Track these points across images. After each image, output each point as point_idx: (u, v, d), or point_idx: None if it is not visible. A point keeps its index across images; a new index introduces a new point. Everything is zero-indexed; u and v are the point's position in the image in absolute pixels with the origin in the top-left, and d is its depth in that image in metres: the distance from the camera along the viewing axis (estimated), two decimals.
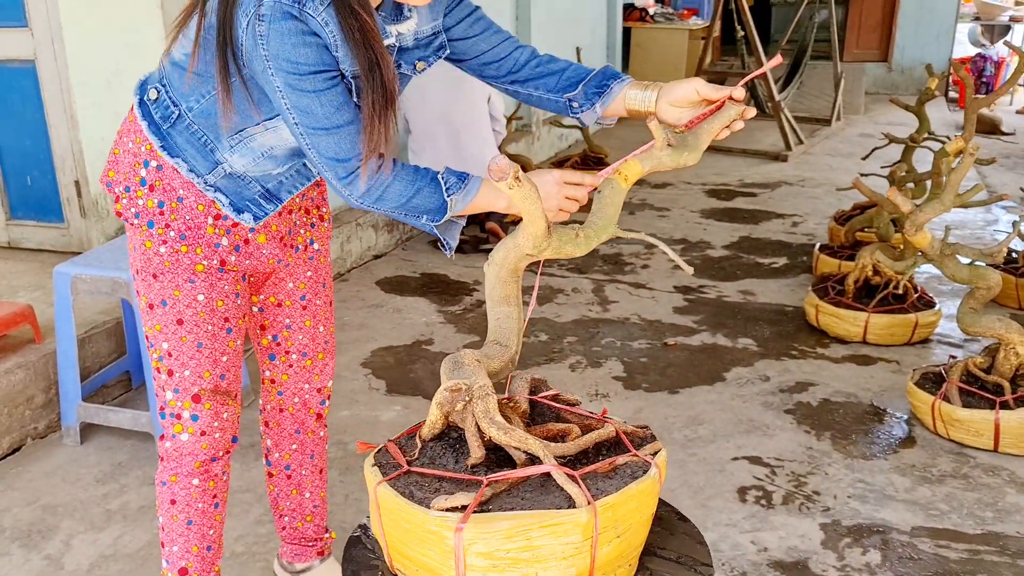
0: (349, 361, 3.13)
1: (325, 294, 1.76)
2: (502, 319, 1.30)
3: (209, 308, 1.52)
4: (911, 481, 2.39)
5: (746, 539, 2.14)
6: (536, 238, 1.20)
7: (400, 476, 1.11)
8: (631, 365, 3.12)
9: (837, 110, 7.62)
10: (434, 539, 1.03)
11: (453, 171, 1.38)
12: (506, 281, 1.28)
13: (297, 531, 1.91)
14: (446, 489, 1.08)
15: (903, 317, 3.21)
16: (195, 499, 1.60)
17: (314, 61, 1.26)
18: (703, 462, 2.49)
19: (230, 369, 1.58)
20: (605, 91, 1.49)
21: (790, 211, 5.12)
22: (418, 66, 1.50)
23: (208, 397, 1.56)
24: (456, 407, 1.13)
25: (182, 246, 1.48)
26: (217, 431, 1.59)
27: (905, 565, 2.04)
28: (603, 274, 4.06)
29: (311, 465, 1.87)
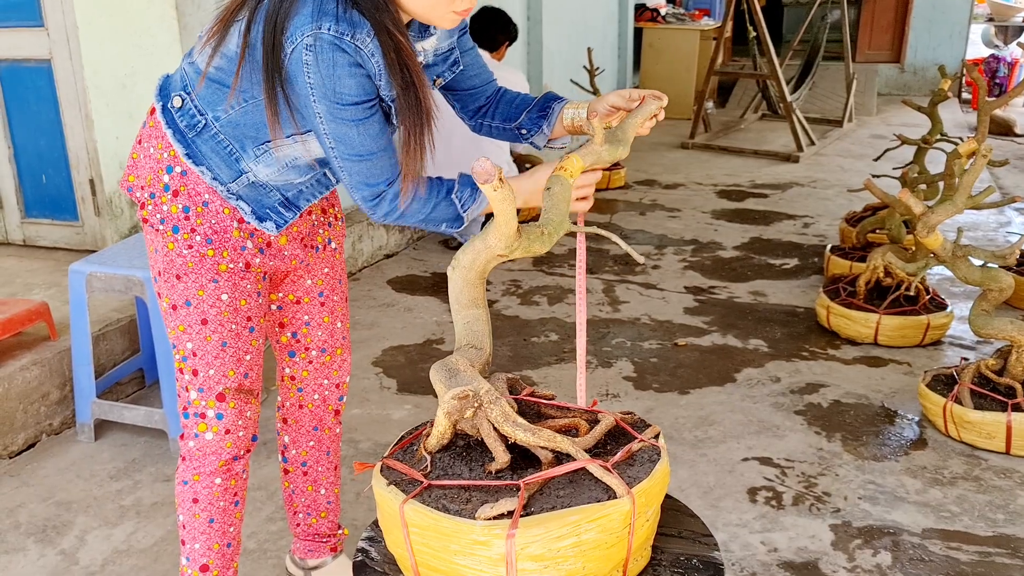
0: (360, 360, 3.15)
1: (341, 290, 1.78)
2: (472, 322, 1.30)
3: (233, 307, 1.54)
4: (922, 483, 2.38)
5: (756, 539, 2.14)
6: (508, 238, 1.21)
7: (422, 492, 1.09)
8: (641, 365, 3.12)
9: (849, 111, 7.59)
10: (481, 548, 1.02)
11: (467, 182, 1.43)
12: (474, 283, 1.29)
13: (311, 527, 1.93)
14: (477, 498, 1.07)
15: (915, 319, 3.20)
16: (217, 498, 1.62)
17: (356, 92, 1.30)
18: (713, 463, 2.49)
19: (253, 368, 1.61)
20: (548, 113, 1.61)
21: (801, 212, 5.11)
22: (436, 82, 1.57)
23: (232, 396, 1.58)
24: (465, 414, 1.13)
25: (208, 250, 1.50)
26: (241, 429, 1.61)
27: (916, 567, 2.04)
28: (613, 274, 4.06)
29: (327, 461, 1.89)
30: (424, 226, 1.46)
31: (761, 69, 7.29)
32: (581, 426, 1.20)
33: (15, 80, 3.24)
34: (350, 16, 1.27)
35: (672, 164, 6.35)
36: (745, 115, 8.00)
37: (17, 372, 2.50)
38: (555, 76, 6.24)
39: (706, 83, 7.04)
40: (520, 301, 3.72)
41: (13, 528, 2.20)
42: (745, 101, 8.36)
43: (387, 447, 2.58)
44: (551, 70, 6.17)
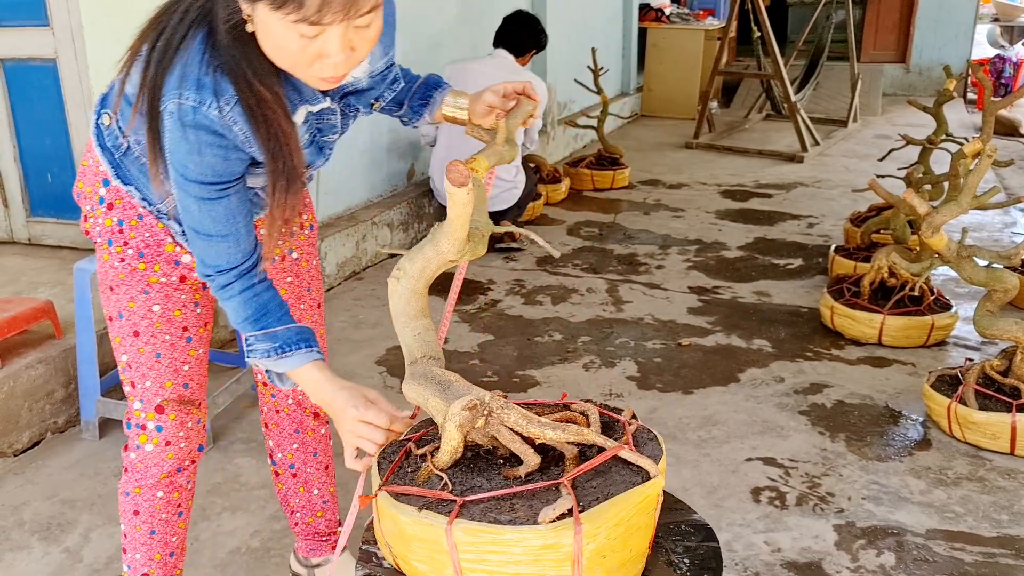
0: (364, 359, 3.15)
1: (311, 297, 1.75)
2: (423, 332, 1.27)
3: (166, 319, 1.51)
4: (926, 483, 2.38)
5: (760, 539, 2.14)
6: (460, 242, 1.21)
7: (460, 511, 1.05)
8: (645, 365, 3.12)
9: (854, 111, 7.58)
10: (548, 552, 1.01)
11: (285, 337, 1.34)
12: (421, 293, 1.27)
13: (310, 526, 1.93)
14: (520, 504, 1.05)
15: (919, 319, 3.19)
16: (159, 510, 1.60)
17: (205, 172, 1.23)
18: (717, 463, 2.48)
19: (193, 378, 1.57)
20: (430, 102, 1.58)
21: (806, 212, 5.10)
22: (375, 105, 1.52)
23: (172, 407, 1.55)
24: (476, 424, 1.11)
25: (140, 263, 1.48)
26: (182, 440, 1.58)
27: (920, 567, 2.03)
28: (617, 274, 4.06)
29: (315, 463, 1.88)
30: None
31: (765, 69, 7.29)
32: (579, 418, 1.20)
33: (20, 79, 3.25)
34: (214, 81, 1.19)
35: (676, 164, 6.34)
36: (749, 115, 7.99)
37: (22, 370, 2.51)
38: (559, 75, 6.23)
39: (710, 83, 7.04)
40: (524, 301, 3.72)
41: (17, 526, 2.21)
42: (749, 101, 8.35)
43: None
44: (555, 70, 6.17)
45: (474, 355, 3.20)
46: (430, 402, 1.16)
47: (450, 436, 1.12)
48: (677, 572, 1.13)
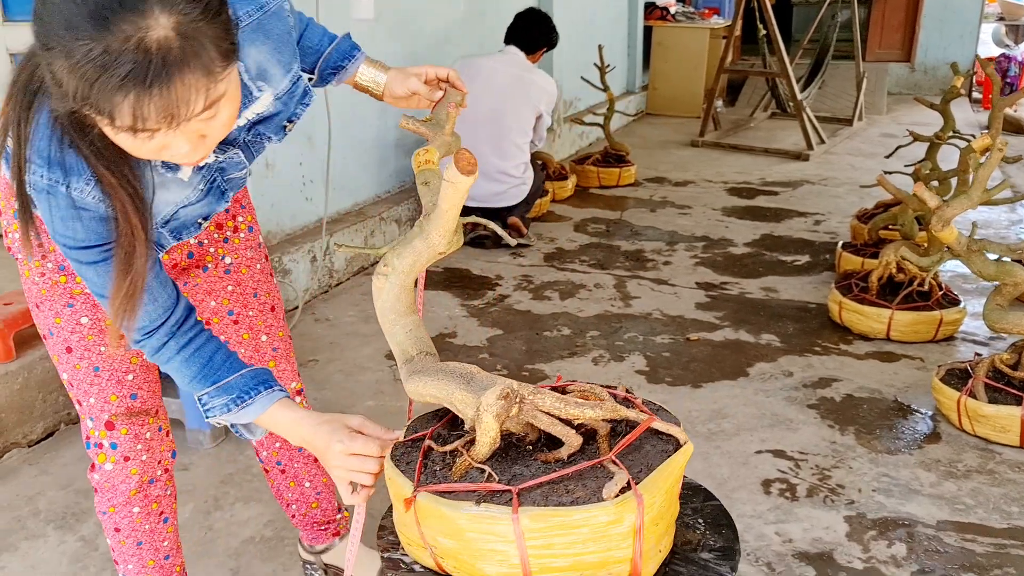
0: (374, 353, 3.16)
1: (259, 303, 1.67)
2: (414, 328, 1.26)
3: (96, 330, 1.42)
4: (936, 476, 2.38)
5: (771, 530, 2.15)
6: (450, 233, 1.19)
7: (520, 499, 1.04)
8: (654, 359, 3.13)
9: (859, 110, 7.58)
10: (614, 527, 1.02)
11: (241, 384, 1.26)
12: (409, 289, 1.25)
13: (307, 517, 1.91)
14: (574, 486, 1.05)
15: (927, 314, 3.20)
16: (139, 523, 1.55)
17: (83, 236, 1.14)
18: (727, 455, 2.49)
19: (142, 387, 1.49)
20: (342, 72, 1.55)
21: (812, 210, 5.11)
22: (288, 127, 1.38)
23: (123, 421, 1.47)
24: (511, 413, 1.11)
25: (61, 276, 1.40)
26: (143, 453, 1.50)
27: (931, 558, 2.04)
28: (625, 270, 4.07)
29: (301, 457, 1.83)
30: None
31: (771, 67, 7.29)
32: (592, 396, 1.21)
33: None
34: (63, 159, 1.09)
35: (682, 162, 6.35)
36: (755, 113, 8.00)
37: (36, 362, 2.52)
38: (565, 73, 6.24)
39: (716, 81, 7.04)
40: (532, 296, 3.73)
41: (33, 515, 2.22)
42: (754, 100, 8.36)
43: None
44: (560, 67, 6.18)
45: (483, 349, 3.22)
46: (455, 396, 1.14)
47: (488, 427, 1.10)
48: (697, 532, 1.19)
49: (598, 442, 1.12)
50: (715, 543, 1.18)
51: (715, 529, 1.20)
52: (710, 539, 1.18)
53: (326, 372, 3.02)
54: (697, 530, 1.19)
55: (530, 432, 1.16)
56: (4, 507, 2.25)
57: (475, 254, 4.27)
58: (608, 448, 1.11)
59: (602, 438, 1.12)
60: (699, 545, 1.17)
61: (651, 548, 1.08)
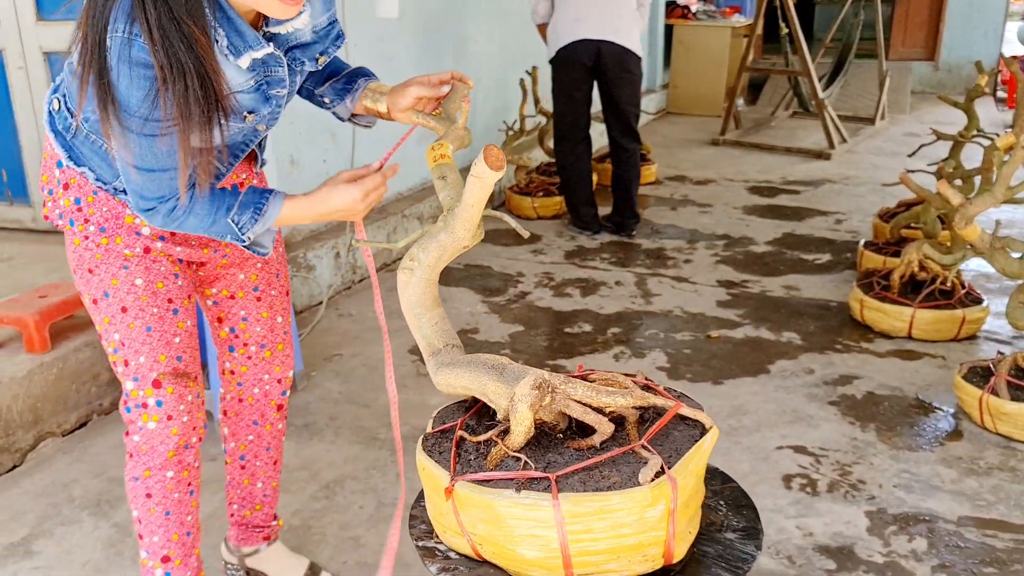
0: (397, 348, 3.20)
1: (280, 284, 1.74)
2: (439, 321, 1.28)
3: (150, 291, 1.51)
4: (957, 472, 2.39)
5: (791, 524, 2.17)
6: (475, 226, 1.22)
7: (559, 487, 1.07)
8: (675, 356, 3.15)
9: (882, 109, 7.54)
10: (650, 510, 1.05)
11: (249, 202, 1.38)
12: (434, 282, 1.27)
13: (245, 519, 1.91)
14: (609, 472, 1.08)
15: (950, 313, 3.19)
16: (171, 490, 1.58)
17: (145, 104, 1.22)
18: (748, 450, 2.51)
19: (186, 351, 1.56)
20: (353, 89, 1.59)
21: (833, 208, 5.10)
22: (320, 60, 1.49)
23: (169, 380, 1.53)
24: (544, 402, 1.13)
25: (103, 238, 1.47)
26: (185, 414, 1.56)
27: (952, 552, 2.05)
28: (645, 267, 4.09)
29: (266, 456, 1.86)
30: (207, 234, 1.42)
31: (793, 66, 7.27)
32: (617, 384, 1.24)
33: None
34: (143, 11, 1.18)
35: (703, 160, 6.35)
36: (776, 112, 7.98)
37: (71, 353, 2.58)
38: None
39: (737, 80, 7.04)
40: (553, 293, 3.76)
41: (68, 502, 2.28)
42: (776, 98, 8.33)
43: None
44: None
45: (505, 345, 3.25)
46: (488, 387, 1.17)
47: (522, 416, 1.12)
48: (720, 513, 1.21)
49: (627, 429, 1.15)
50: (738, 523, 1.21)
51: (736, 510, 1.23)
52: (732, 520, 1.22)
53: (350, 366, 3.06)
54: (719, 511, 1.23)
55: (560, 421, 1.19)
56: (40, 494, 2.32)
57: (496, 251, 4.31)
58: (637, 435, 1.14)
59: (631, 425, 1.15)
60: (723, 526, 1.21)
61: (683, 530, 1.11)
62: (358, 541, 2.12)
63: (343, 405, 2.79)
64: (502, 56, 5.31)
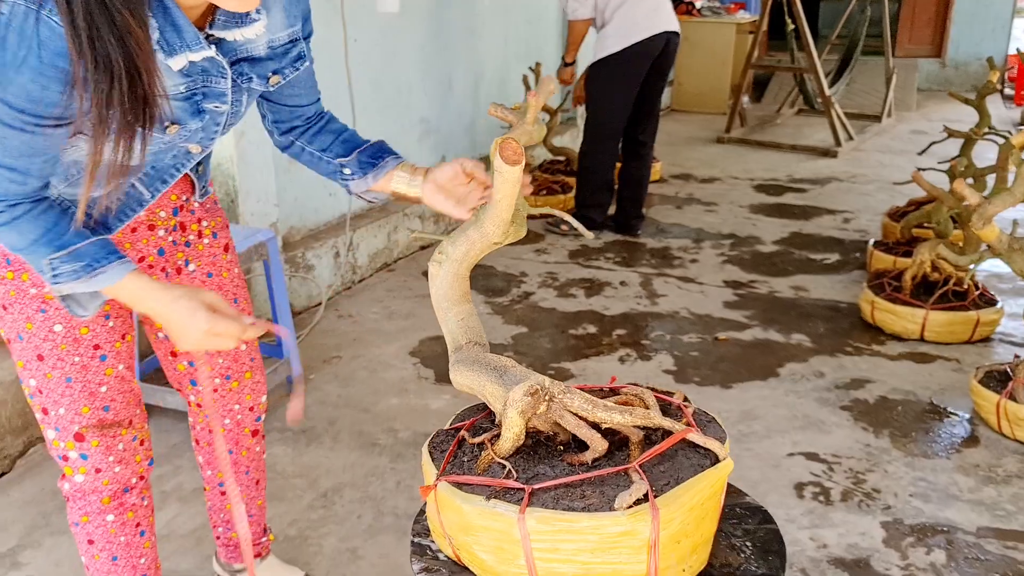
0: (398, 350, 3.13)
1: (238, 309, 1.57)
2: (466, 318, 1.24)
3: (71, 338, 1.34)
4: (975, 481, 2.32)
5: (805, 535, 2.09)
6: (506, 224, 1.17)
7: (531, 500, 1.01)
8: (681, 359, 3.07)
9: (888, 106, 7.46)
10: (627, 538, 0.98)
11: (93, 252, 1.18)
12: (463, 277, 1.23)
13: (232, 540, 1.82)
14: (592, 492, 1.01)
15: (964, 315, 3.12)
16: (115, 535, 1.46)
17: (16, 93, 1.03)
18: (758, 457, 2.44)
19: (115, 398, 1.40)
20: (379, 163, 1.42)
21: (841, 207, 5.03)
22: (272, 80, 1.32)
23: (94, 433, 1.38)
24: (538, 410, 1.08)
25: (7, 272, 1.30)
26: (116, 465, 1.42)
27: (972, 566, 1.98)
28: (651, 267, 4.02)
29: (246, 480, 1.75)
30: None
31: (799, 63, 7.19)
32: (635, 401, 1.17)
33: None
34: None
35: (708, 158, 6.27)
36: (781, 110, 7.90)
37: None
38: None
39: (743, 77, 6.96)
40: (557, 293, 3.68)
41: (57, 510, 2.21)
42: (780, 96, 8.25)
43: (426, 436, 2.57)
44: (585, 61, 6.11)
45: (508, 347, 3.18)
46: (487, 388, 1.12)
47: (512, 423, 1.08)
48: (741, 555, 1.11)
49: (630, 450, 1.08)
50: (756, 569, 1.10)
51: (762, 555, 1.12)
52: (752, 564, 1.11)
53: (350, 368, 2.99)
54: (742, 553, 1.12)
55: (561, 432, 1.12)
56: (29, 502, 2.25)
57: (499, 250, 4.23)
58: (637, 455, 1.07)
59: (634, 445, 1.08)
60: (738, 569, 1.10)
61: (671, 566, 1.02)
62: (355, 553, 2.05)
63: (342, 409, 2.72)
64: (505, 51, 5.23)
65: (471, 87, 4.86)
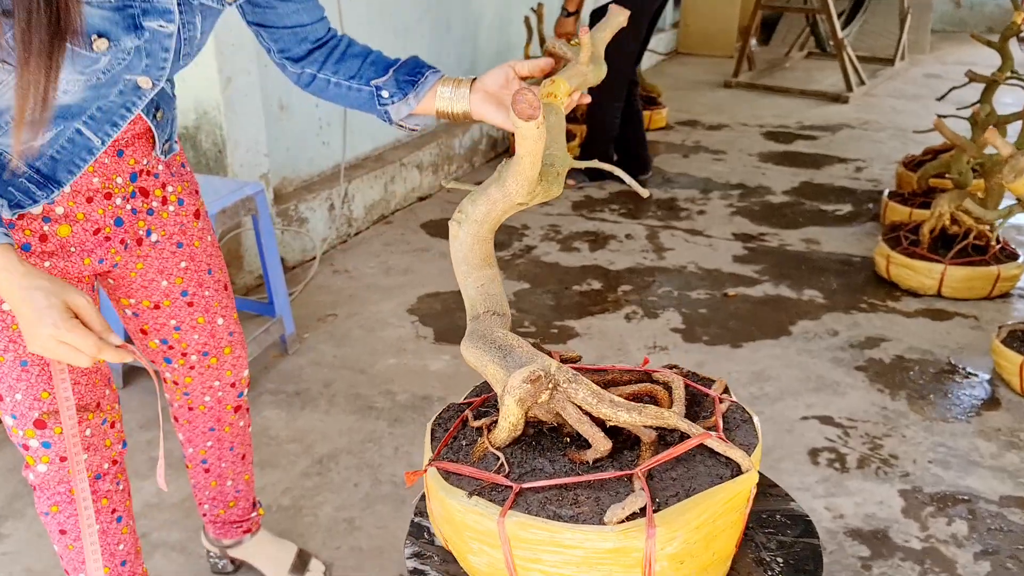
0: (396, 307, 3.02)
1: (214, 281, 1.47)
2: (487, 284, 1.11)
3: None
4: (997, 446, 2.22)
5: (820, 504, 2.01)
6: (531, 183, 1.02)
7: (516, 500, 0.91)
8: (690, 316, 2.96)
9: (901, 49, 7.22)
10: (617, 556, 0.87)
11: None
12: (486, 239, 1.09)
13: (219, 517, 1.73)
14: (585, 497, 0.91)
15: (984, 270, 3.00)
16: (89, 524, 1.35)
17: None
18: (770, 421, 2.35)
19: (79, 380, 1.29)
20: (419, 79, 1.27)
21: (853, 155, 4.86)
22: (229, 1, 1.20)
23: (56, 420, 1.27)
24: (540, 399, 0.96)
25: None
26: (84, 452, 1.31)
27: (995, 537, 1.89)
28: (657, 219, 3.88)
29: (231, 456, 1.66)
30: None
31: (811, 3, 6.93)
32: (660, 392, 1.06)
33: None
34: None
35: (715, 104, 6.08)
36: (790, 53, 7.65)
37: None
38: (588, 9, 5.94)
39: (752, 18, 6.71)
40: (560, 247, 3.56)
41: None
42: (789, 38, 7.99)
43: (425, 399, 2.48)
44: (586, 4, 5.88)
45: (510, 304, 3.06)
46: (488, 369, 1.01)
47: (509, 411, 0.97)
48: (768, 573, 0.99)
49: (640, 452, 0.97)
50: None
51: (794, 574, 1.00)
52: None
53: (345, 327, 2.89)
54: (770, 571, 1.00)
55: (566, 423, 1.01)
56: (11, 470, 2.16)
57: None
58: (647, 459, 0.95)
59: (645, 446, 0.96)
60: None
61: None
62: (352, 524, 1.97)
63: (338, 370, 2.62)
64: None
65: (471, 30, 4.66)
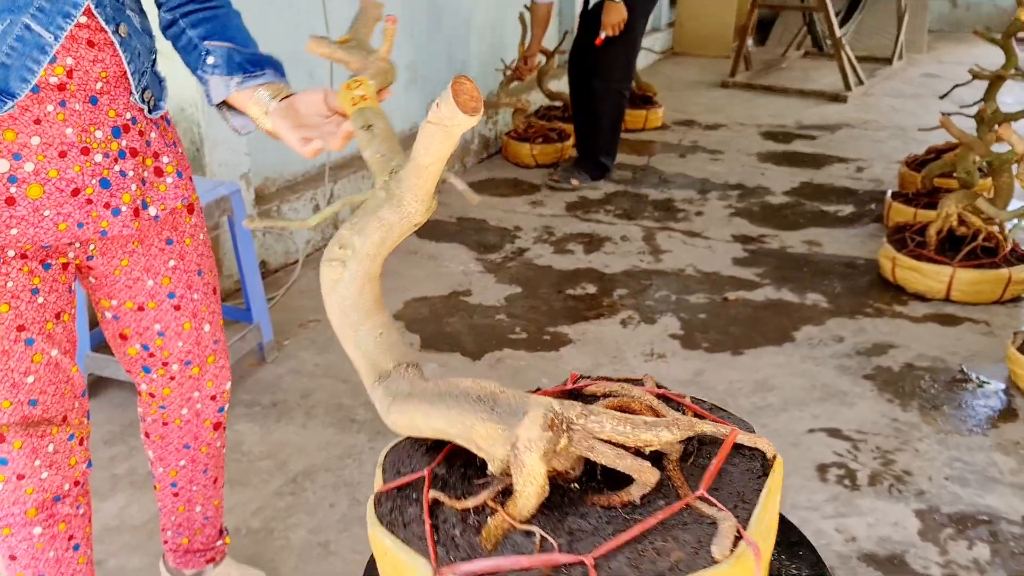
0: None
1: (203, 283, 1.36)
2: (385, 332, 0.92)
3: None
4: (1016, 461, 2.10)
5: (830, 526, 1.87)
6: (430, 196, 0.88)
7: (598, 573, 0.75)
8: (689, 322, 2.83)
9: (899, 48, 7.11)
10: None
11: None
12: (376, 277, 0.91)
13: (181, 547, 1.59)
14: (666, 543, 0.76)
15: (994, 272, 2.87)
16: (42, 550, 1.25)
17: None
18: (775, 434, 2.21)
19: (46, 390, 1.19)
20: (255, 72, 1.16)
21: (853, 155, 4.74)
22: None
23: (17, 433, 1.17)
24: (559, 447, 0.80)
25: None
26: (43, 470, 1.21)
27: (1019, 562, 1.76)
28: (654, 220, 3.75)
29: (203, 479, 1.53)
30: None
31: (808, 2, 6.82)
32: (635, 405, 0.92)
33: None
34: None
35: (712, 103, 5.95)
36: (787, 52, 7.54)
37: None
38: None
39: (748, 17, 6.59)
40: (553, 249, 3.42)
41: None
42: (787, 37, 7.88)
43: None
44: None
45: (500, 309, 2.93)
46: (476, 430, 0.82)
47: (533, 473, 0.78)
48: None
49: (667, 470, 0.83)
50: None
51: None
52: None
53: (328, 333, 2.73)
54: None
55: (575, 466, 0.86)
56: None
57: (492, 202, 3.96)
58: (684, 478, 0.82)
59: (672, 464, 0.83)
60: None
61: None
62: (327, 548, 1.83)
63: (318, 379, 2.48)
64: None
65: (461, 29, 4.53)
